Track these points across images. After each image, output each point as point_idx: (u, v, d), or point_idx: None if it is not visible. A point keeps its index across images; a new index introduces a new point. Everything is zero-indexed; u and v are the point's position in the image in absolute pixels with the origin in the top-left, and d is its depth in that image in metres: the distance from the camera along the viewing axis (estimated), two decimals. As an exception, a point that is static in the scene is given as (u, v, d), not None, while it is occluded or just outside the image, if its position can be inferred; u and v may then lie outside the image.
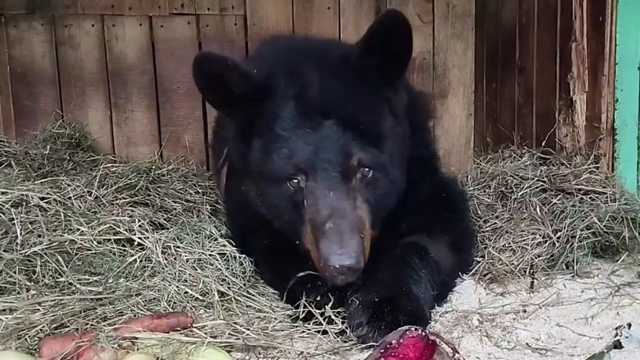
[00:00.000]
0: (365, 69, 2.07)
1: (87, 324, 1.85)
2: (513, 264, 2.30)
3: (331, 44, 2.37)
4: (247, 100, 2.09)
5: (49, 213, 2.34)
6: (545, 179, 2.71)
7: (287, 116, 2.03)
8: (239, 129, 2.22)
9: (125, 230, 2.26)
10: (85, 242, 2.18)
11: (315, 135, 2.00)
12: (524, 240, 2.40)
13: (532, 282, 2.24)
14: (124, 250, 2.21)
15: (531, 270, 2.30)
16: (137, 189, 2.73)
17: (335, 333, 1.88)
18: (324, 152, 1.99)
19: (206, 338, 1.75)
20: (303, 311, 1.96)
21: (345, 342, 1.85)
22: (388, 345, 1.59)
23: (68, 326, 1.85)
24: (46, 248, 2.12)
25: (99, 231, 2.24)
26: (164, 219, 2.53)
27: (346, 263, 1.86)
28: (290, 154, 2.01)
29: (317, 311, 1.92)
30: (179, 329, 1.83)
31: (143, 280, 2.10)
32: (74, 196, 2.49)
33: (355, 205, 1.99)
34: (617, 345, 1.79)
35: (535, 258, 2.32)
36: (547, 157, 2.89)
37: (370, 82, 2.09)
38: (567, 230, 2.38)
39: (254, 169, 2.15)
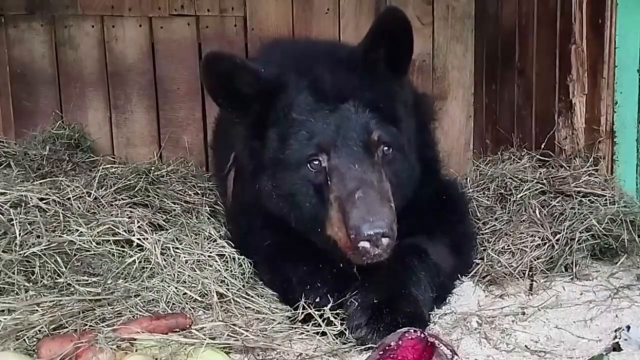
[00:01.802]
0: (372, 64, 2.09)
1: (86, 324, 1.86)
2: (512, 266, 2.30)
3: (335, 45, 2.39)
4: (258, 98, 2.09)
5: (48, 214, 2.34)
6: (544, 181, 2.72)
7: (303, 102, 2.03)
8: (250, 128, 2.20)
9: (124, 231, 2.26)
10: (84, 243, 2.18)
11: (333, 116, 2.00)
12: (523, 243, 2.40)
13: (531, 285, 2.24)
14: (123, 251, 2.21)
15: (530, 273, 2.30)
16: (136, 190, 2.73)
17: (334, 334, 1.88)
18: (344, 130, 1.99)
19: (205, 339, 1.75)
20: (302, 313, 1.96)
21: (344, 343, 1.85)
22: (387, 347, 1.59)
23: (67, 327, 1.85)
24: (45, 249, 2.12)
25: (98, 232, 2.24)
26: (163, 220, 2.53)
27: (380, 230, 1.80)
28: (310, 135, 2.00)
29: (316, 312, 1.92)
30: (177, 330, 1.83)
31: (142, 281, 2.10)
32: (73, 197, 2.49)
33: (382, 178, 1.98)
34: (616, 347, 1.79)
35: (535, 260, 2.32)
36: (547, 159, 2.90)
37: (379, 75, 2.11)
38: (566, 233, 2.38)
39: (271, 161, 2.12)
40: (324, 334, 1.89)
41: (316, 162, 2.00)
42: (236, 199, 2.50)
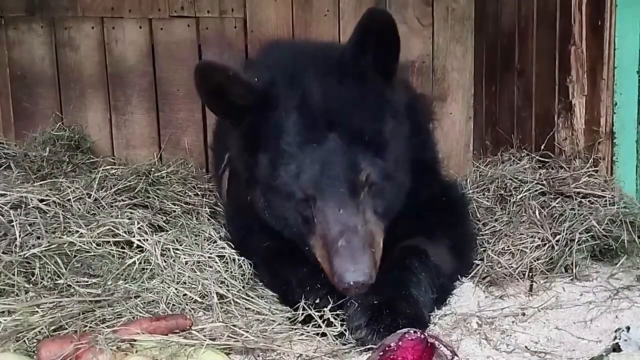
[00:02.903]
0: (361, 69, 2.07)
1: (86, 326, 1.85)
2: (512, 267, 2.30)
3: (327, 47, 2.37)
4: (250, 110, 2.08)
5: (48, 215, 2.34)
6: (544, 182, 2.72)
7: (292, 130, 2.01)
8: (243, 139, 2.19)
9: (124, 232, 2.26)
10: (84, 244, 2.18)
11: (321, 151, 1.98)
12: (523, 244, 2.40)
13: (531, 285, 2.24)
14: (123, 252, 2.21)
15: (530, 274, 2.30)
16: (136, 191, 2.73)
17: (334, 336, 1.88)
18: (331, 169, 1.97)
19: (205, 340, 1.75)
20: (302, 314, 1.96)
21: (344, 344, 1.85)
22: (387, 348, 1.59)
23: (67, 328, 1.84)
24: (45, 250, 2.12)
25: (98, 233, 2.24)
26: (163, 221, 2.53)
27: (360, 280, 1.85)
28: (297, 172, 1.99)
29: (316, 314, 1.92)
30: (177, 331, 1.82)
31: (142, 282, 2.10)
32: (73, 198, 2.49)
33: (366, 219, 1.97)
34: (616, 348, 1.78)
35: (534, 261, 2.32)
36: (546, 160, 2.90)
37: (368, 82, 2.09)
38: (566, 234, 2.38)
39: (262, 182, 2.13)
40: (324, 335, 1.88)
41: (304, 201, 2.01)
42: (231, 199, 2.51)
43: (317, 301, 1.98)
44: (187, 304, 2.03)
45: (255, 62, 2.60)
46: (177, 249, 2.25)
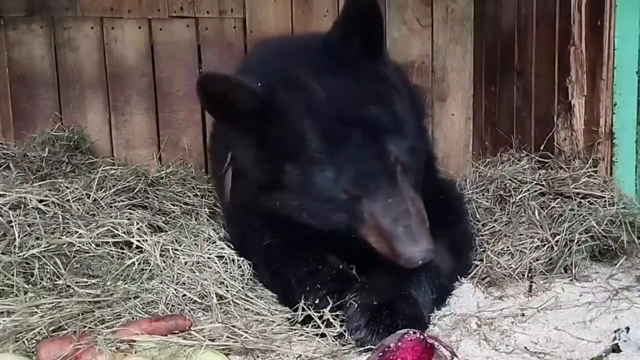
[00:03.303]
0: (353, 57, 2.07)
1: (85, 326, 1.85)
2: (511, 267, 2.30)
3: (314, 39, 2.33)
4: (255, 115, 2.06)
5: (47, 215, 2.33)
6: (543, 182, 2.72)
7: (314, 136, 2.01)
8: (258, 148, 2.15)
9: (124, 232, 2.26)
10: (83, 245, 2.18)
11: (349, 149, 1.99)
12: (522, 244, 2.40)
13: (531, 286, 2.24)
14: (122, 252, 2.21)
15: (529, 274, 2.30)
16: (135, 191, 2.73)
17: (334, 336, 1.88)
18: (365, 165, 1.99)
19: (204, 341, 1.75)
20: (301, 314, 1.96)
21: (344, 345, 1.85)
22: (386, 349, 1.60)
23: (66, 329, 1.84)
24: (44, 250, 2.11)
25: (97, 234, 2.23)
26: (163, 222, 2.52)
27: (427, 256, 1.96)
28: (334, 176, 2.00)
29: (316, 314, 1.92)
30: (177, 331, 1.82)
31: (141, 283, 2.09)
32: (72, 199, 2.48)
33: (411, 198, 2.02)
34: (616, 349, 1.79)
35: (534, 262, 2.32)
36: (546, 160, 2.90)
37: (364, 67, 2.09)
38: (566, 234, 2.38)
39: (296, 189, 2.10)
40: (323, 335, 1.88)
41: (349, 200, 2.03)
42: (234, 198, 2.50)
43: (317, 302, 1.98)
44: (186, 305, 2.03)
45: (250, 64, 2.59)
46: (177, 250, 2.25)
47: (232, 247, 2.37)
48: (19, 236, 2.15)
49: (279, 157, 2.09)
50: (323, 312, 1.92)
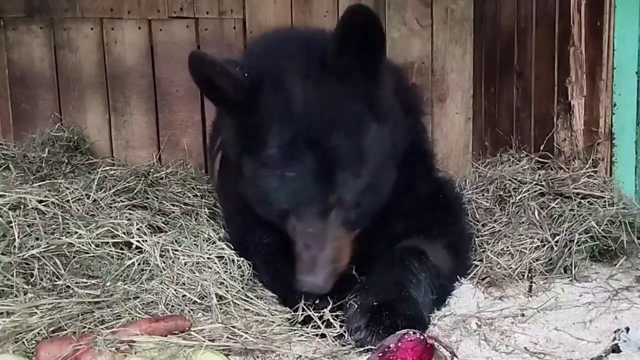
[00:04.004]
0: (345, 69, 2.04)
1: (85, 327, 1.85)
2: (511, 267, 2.30)
3: (314, 40, 2.31)
4: (238, 104, 2.10)
5: (47, 216, 2.33)
6: (543, 183, 2.71)
7: (273, 143, 2.04)
8: (234, 134, 2.23)
9: (123, 233, 2.26)
10: (83, 245, 2.18)
11: (298, 169, 2.01)
12: (522, 244, 2.40)
13: (531, 286, 2.24)
14: (122, 253, 2.21)
15: (529, 274, 2.30)
16: (135, 192, 2.72)
17: (334, 337, 1.88)
18: (305, 189, 2.02)
19: (204, 341, 1.75)
20: (301, 314, 1.96)
21: (344, 345, 1.85)
22: (386, 349, 1.60)
23: (65, 329, 1.84)
24: (44, 251, 2.11)
25: (96, 234, 2.23)
26: (162, 222, 2.52)
27: (313, 289, 2.01)
28: (276, 186, 2.06)
29: (316, 315, 1.92)
30: (176, 332, 1.82)
31: (141, 283, 2.09)
32: (72, 199, 2.48)
33: (332, 237, 2.05)
34: (615, 349, 1.79)
35: (534, 262, 2.32)
36: (546, 161, 2.90)
37: (352, 83, 2.06)
38: (565, 234, 2.38)
39: (248, 183, 2.18)
40: (323, 336, 1.88)
41: (281, 211, 2.12)
42: (222, 186, 2.57)
43: (317, 302, 1.98)
44: (186, 305, 2.03)
45: (250, 52, 2.59)
46: (176, 250, 2.25)
47: (232, 247, 2.37)
48: (18, 237, 2.15)
49: (243, 148, 2.16)
50: (323, 312, 1.92)
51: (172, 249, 2.24)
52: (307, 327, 1.92)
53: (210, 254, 2.27)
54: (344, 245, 2.09)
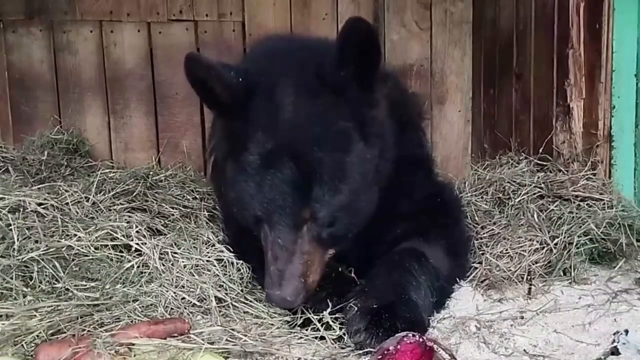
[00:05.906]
0: (339, 83, 2.03)
1: (84, 330, 1.85)
2: (510, 270, 2.30)
3: (314, 49, 2.30)
4: (229, 109, 2.11)
5: (46, 219, 2.33)
6: (542, 185, 2.72)
7: (255, 149, 2.04)
8: (223, 135, 2.26)
9: (123, 236, 2.26)
10: (82, 248, 2.18)
11: (276, 179, 2.00)
12: (521, 247, 2.40)
13: (530, 289, 2.24)
14: (121, 256, 2.21)
15: (528, 277, 2.30)
16: (134, 194, 2.72)
17: (333, 339, 1.88)
18: (280, 200, 2.00)
19: (203, 344, 1.75)
20: (301, 317, 1.96)
21: (343, 348, 1.85)
22: (386, 352, 1.60)
23: (65, 332, 1.84)
24: (43, 254, 2.11)
25: (96, 237, 2.23)
26: (162, 225, 2.52)
27: (279, 303, 2.01)
28: (252, 193, 2.05)
29: (315, 317, 1.92)
30: (176, 335, 1.82)
31: (140, 286, 2.09)
32: (71, 202, 2.48)
33: (303, 251, 2.02)
34: (615, 351, 1.79)
35: (533, 264, 2.32)
36: (545, 163, 2.90)
37: (345, 98, 2.04)
38: (565, 237, 2.38)
39: (228, 185, 2.19)
40: (322, 338, 1.88)
41: (255, 218, 2.10)
42: (214, 182, 2.57)
43: (316, 304, 1.98)
44: (185, 308, 2.03)
45: (249, 57, 2.60)
46: (176, 253, 2.25)
47: (231, 250, 2.37)
48: (17, 239, 2.15)
49: (228, 152, 2.18)
50: (322, 315, 1.92)
51: (171, 252, 2.24)
52: (307, 330, 1.92)
53: (209, 257, 2.27)
54: (314, 262, 2.04)
